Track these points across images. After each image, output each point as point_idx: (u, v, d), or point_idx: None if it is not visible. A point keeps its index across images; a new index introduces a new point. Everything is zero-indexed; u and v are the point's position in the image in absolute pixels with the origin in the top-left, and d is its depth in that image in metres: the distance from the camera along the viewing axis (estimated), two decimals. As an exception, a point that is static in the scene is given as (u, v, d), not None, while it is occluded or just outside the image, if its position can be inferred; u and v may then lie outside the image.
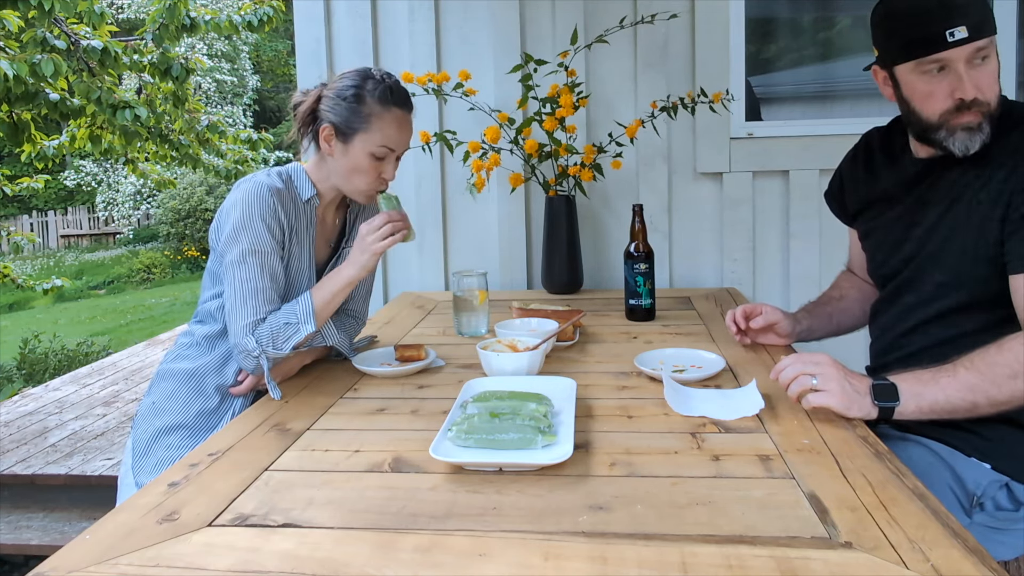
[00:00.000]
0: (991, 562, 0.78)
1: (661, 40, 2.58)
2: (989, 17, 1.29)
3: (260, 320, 1.50)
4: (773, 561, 0.80)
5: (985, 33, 1.27)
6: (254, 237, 1.50)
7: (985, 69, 1.29)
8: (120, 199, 15.72)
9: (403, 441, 1.19)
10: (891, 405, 1.18)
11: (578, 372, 1.52)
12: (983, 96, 1.29)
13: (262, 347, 1.49)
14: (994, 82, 1.30)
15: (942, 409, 1.18)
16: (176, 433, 1.55)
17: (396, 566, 0.82)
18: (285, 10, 5.30)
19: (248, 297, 1.49)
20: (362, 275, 1.54)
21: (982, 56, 1.29)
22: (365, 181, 1.58)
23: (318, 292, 1.54)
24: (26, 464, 3.67)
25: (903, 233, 1.44)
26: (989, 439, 1.30)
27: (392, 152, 1.58)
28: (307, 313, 1.51)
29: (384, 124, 1.55)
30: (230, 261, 1.51)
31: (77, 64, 4.26)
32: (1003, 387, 1.16)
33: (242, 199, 1.51)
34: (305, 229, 1.61)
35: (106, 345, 7.63)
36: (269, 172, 1.58)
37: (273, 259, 1.52)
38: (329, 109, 1.56)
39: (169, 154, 5.43)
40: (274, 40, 18.85)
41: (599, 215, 2.69)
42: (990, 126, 1.30)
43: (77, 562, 0.84)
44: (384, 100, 1.56)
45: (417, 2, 2.66)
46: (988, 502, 1.29)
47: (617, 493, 0.98)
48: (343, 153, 1.56)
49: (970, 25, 1.26)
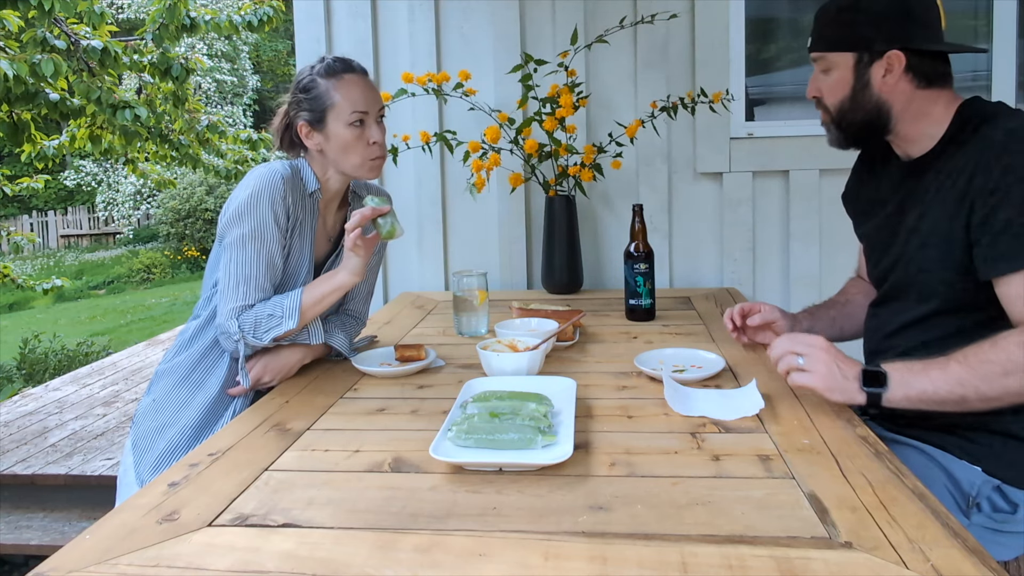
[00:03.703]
0: (991, 562, 0.78)
1: (661, 40, 2.58)
2: (826, 35, 1.41)
3: (248, 306, 1.52)
4: (773, 561, 0.80)
5: (817, 47, 1.42)
6: (258, 222, 1.51)
7: (826, 78, 1.42)
8: (120, 199, 15.72)
9: (403, 441, 1.19)
10: (878, 391, 1.19)
11: (578, 372, 1.52)
12: (824, 99, 1.44)
13: (243, 333, 1.51)
14: (830, 91, 1.42)
15: (930, 400, 1.18)
16: (177, 429, 1.55)
17: (396, 566, 0.82)
18: (285, 10, 5.30)
19: (241, 281, 1.51)
20: (354, 280, 1.54)
21: (822, 68, 1.43)
22: (358, 153, 1.59)
23: (309, 291, 1.55)
24: (26, 464, 3.67)
25: (890, 236, 1.46)
26: (978, 443, 1.30)
27: (367, 114, 1.58)
28: (293, 309, 1.52)
29: (343, 92, 1.56)
30: (229, 242, 1.53)
31: (77, 64, 4.26)
32: (993, 384, 1.16)
33: (254, 182, 1.53)
34: (309, 221, 1.62)
35: (106, 345, 7.63)
36: (283, 163, 1.60)
37: (272, 247, 1.53)
38: (295, 110, 1.59)
39: (169, 154, 5.43)
40: (274, 40, 18.85)
41: (599, 215, 2.69)
42: (838, 129, 1.44)
43: (77, 562, 0.84)
44: (331, 73, 1.58)
45: (417, 2, 2.66)
46: (984, 503, 1.29)
47: (617, 493, 0.98)
48: (326, 139, 1.58)
49: (812, 37, 1.44)
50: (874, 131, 1.42)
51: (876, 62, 1.36)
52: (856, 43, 1.38)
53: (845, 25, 1.39)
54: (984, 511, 1.29)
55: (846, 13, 1.39)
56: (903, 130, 1.40)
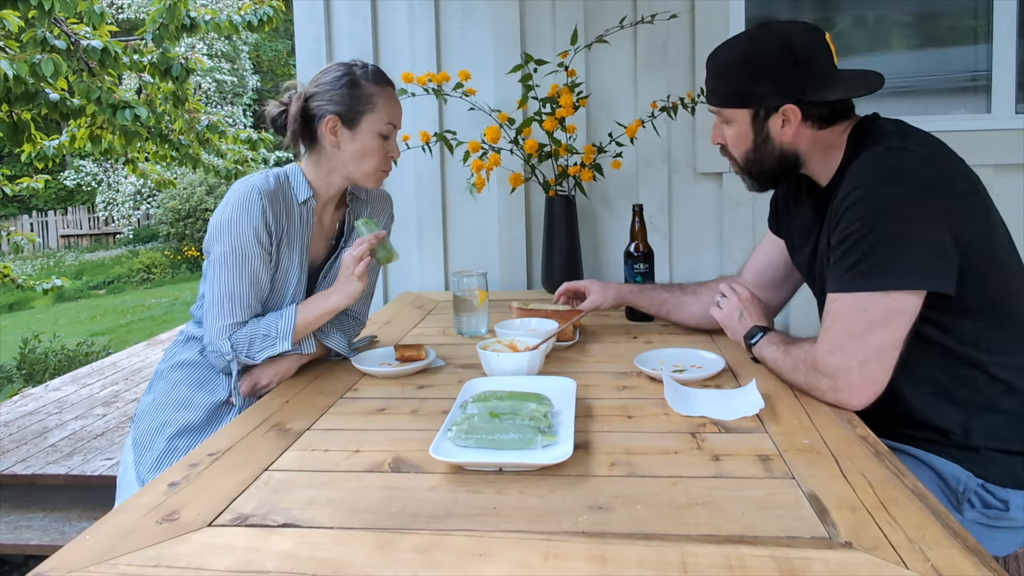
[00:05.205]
0: (991, 562, 0.78)
1: (661, 40, 2.58)
2: (719, 91, 1.44)
3: (238, 324, 1.52)
4: (773, 561, 0.80)
5: (712, 102, 1.46)
6: (238, 240, 1.51)
7: (728, 129, 1.46)
8: (120, 199, 15.72)
9: (403, 441, 1.19)
10: (751, 342, 1.49)
11: (578, 372, 1.52)
12: (730, 149, 1.48)
13: (236, 352, 1.51)
14: (734, 143, 1.46)
15: (772, 368, 1.44)
16: (177, 427, 1.56)
17: (396, 566, 0.82)
18: (285, 10, 5.30)
19: (224, 299, 1.51)
20: (349, 303, 1.55)
21: (721, 119, 1.46)
22: (374, 162, 1.60)
23: (303, 311, 1.55)
24: (26, 464, 3.67)
25: (813, 267, 1.51)
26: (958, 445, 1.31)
27: (395, 129, 1.62)
28: (287, 331, 1.53)
29: (385, 102, 1.59)
30: (211, 260, 1.53)
31: (77, 64, 4.26)
32: (788, 378, 1.38)
33: (233, 200, 1.52)
34: (299, 231, 1.61)
35: (106, 345, 7.63)
36: (267, 174, 1.59)
37: (255, 264, 1.53)
38: (327, 102, 1.57)
39: (169, 154, 5.43)
40: (274, 40, 18.85)
41: (599, 215, 2.69)
42: (750, 177, 1.49)
43: (77, 562, 0.84)
44: (379, 80, 1.61)
45: (417, 2, 2.66)
46: (974, 498, 1.30)
47: (617, 493, 0.98)
48: (351, 139, 1.58)
49: (706, 89, 1.48)
50: (786, 173, 1.47)
51: (772, 115, 1.39)
52: (749, 100, 1.40)
53: (737, 82, 1.40)
54: (977, 507, 1.30)
55: (736, 70, 1.40)
56: (813, 166, 1.44)
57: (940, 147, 1.32)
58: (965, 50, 2.66)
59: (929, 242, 1.22)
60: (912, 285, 1.22)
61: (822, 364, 1.27)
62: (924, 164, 1.27)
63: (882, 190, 1.24)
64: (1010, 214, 1.44)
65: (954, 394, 1.31)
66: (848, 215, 1.26)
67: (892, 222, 1.22)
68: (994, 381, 1.29)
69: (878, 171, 1.27)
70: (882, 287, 1.22)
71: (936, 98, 2.71)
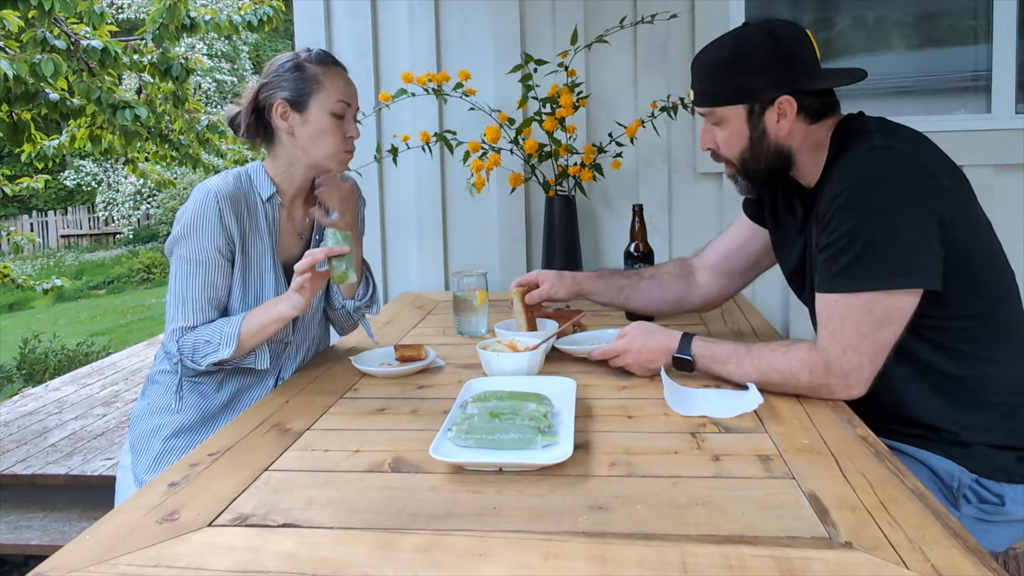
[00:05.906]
0: (991, 562, 0.78)
1: (661, 40, 2.58)
2: (710, 90, 1.42)
3: (188, 328, 1.52)
4: (773, 561, 0.80)
5: (703, 103, 1.44)
6: (194, 246, 1.51)
7: (719, 131, 1.43)
8: (120, 199, 15.73)
9: (403, 441, 1.19)
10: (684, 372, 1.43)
11: (578, 372, 1.52)
12: (722, 152, 1.46)
13: (181, 355, 1.52)
14: (727, 145, 1.44)
15: (722, 379, 1.41)
16: (172, 428, 1.56)
17: (396, 566, 0.82)
18: (285, 10, 5.30)
19: (177, 303, 1.52)
20: (296, 314, 1.50)
21: (712, 122, 1.44)
22: (332, 143, 1.57)
23: (249, 319, 1.52)
24: (26, 464, 3.67)
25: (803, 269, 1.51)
26: (950, 442, 1.32)
27: (349, 107, 1.59)
28: (231, 336, 1.50)
29: (331, 80, 1.56)
30: (174, 260, 1.54)
31: (77, 64, 4.26)
32: (773, 387, 1.33)
33: (192, 207, 1.52)
34: (266, 229, 1.59)
35: (106, 345, 7.63)
36: (227, 174, 1.58)
37: (211, 270, 1.52)
38: (274, 88, 1.56)
39: (169, 154, 5.43)
40: (274, 40, 18.84)
41: (599, 215, 2.69)
42: (745, 178, 1.47)
43: (77, 562, 0.84)
44: (322, 61, 1.58)
45: (417, 2, 2.66)
46: (969, 494, 1.30)
47: (617, 493, 0.98)
48: (303, 122, 1.56)
49: (695, 91, 1.45)
50: (780, 172, 1.46)
51: (768, 109, 1.38)
52: (744, 94, 1.39)
53: (729, 79, 1.40)
54: (972, 502, 1.30)
55: (727, 67, 1.40)
56: (801, 166, 1.44)
57: (924, 143, 1.34)
58: (965, 50, 2.67)
59: (921, 240, 1.24)
60: (912, 284, 1.24)
61: (836, 367, 1.27)
62: (911, 161, 1.28)
63: (872, 189, 1.25)
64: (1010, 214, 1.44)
65: (942, 389, 1.32)
66: (839, 215, 1.27)
67: (885, 221, 1.23)
68: (980, 376, 1.30)
69: (867, 170, 1.27)
70: (884, 287, 1.23)
71: (936, 98, 2.71)
